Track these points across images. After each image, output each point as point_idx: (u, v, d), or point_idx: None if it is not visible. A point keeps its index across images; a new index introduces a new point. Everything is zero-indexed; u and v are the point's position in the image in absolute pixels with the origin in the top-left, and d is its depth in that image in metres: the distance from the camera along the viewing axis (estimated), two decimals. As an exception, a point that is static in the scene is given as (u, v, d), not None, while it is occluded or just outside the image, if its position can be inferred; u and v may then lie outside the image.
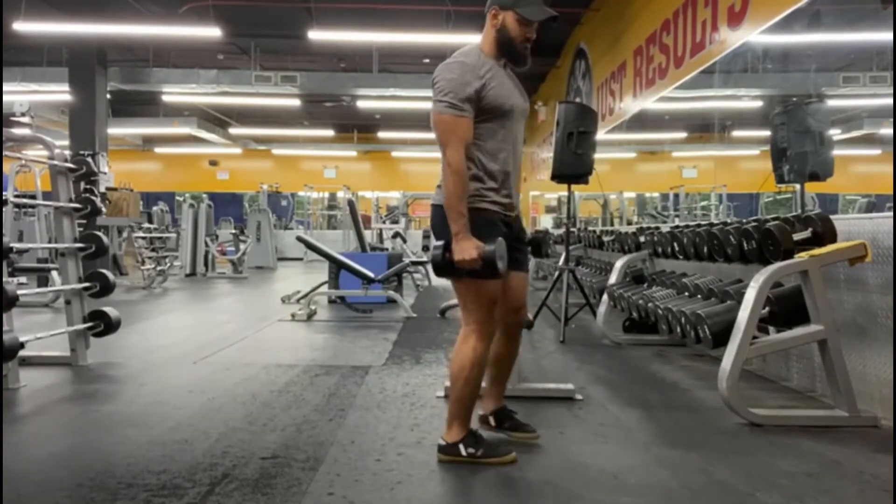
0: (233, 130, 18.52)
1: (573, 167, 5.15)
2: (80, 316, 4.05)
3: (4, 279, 3.84)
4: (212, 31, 9.66)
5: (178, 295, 9.03)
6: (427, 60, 12.88)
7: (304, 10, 10.28)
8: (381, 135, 19.11)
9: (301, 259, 17.10)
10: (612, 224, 15.31)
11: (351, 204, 10.08)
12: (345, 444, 2.58)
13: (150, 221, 11.78)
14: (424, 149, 19.64)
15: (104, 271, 4.18)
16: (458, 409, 2.41)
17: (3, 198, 3.98)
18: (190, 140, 18.88)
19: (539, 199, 17.28)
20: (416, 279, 10.06)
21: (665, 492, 2.18)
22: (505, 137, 2.37)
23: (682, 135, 18.60)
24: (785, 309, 3.02)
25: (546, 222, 16.93)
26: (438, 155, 2.32)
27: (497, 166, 2.36)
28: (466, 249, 2.21)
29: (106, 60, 11.87)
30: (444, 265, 2.27)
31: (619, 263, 5.25)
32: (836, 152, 4.90)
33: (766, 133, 7.37)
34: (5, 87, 11.66)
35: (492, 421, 2.69)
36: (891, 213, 2.94)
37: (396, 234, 14.13)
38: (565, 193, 5.65)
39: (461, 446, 2.38)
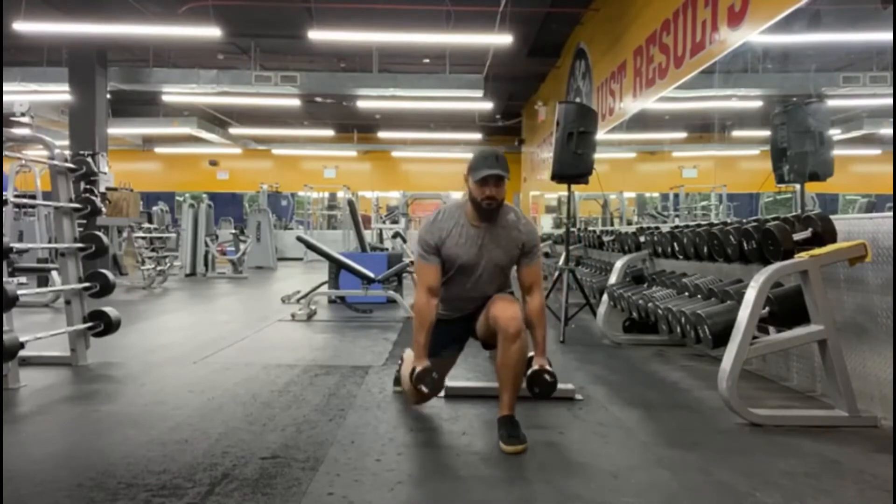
0: (233, 130, 18.52)
1: (573, 167, 5.15)
2: (80, 316, 4.05)
3: (4, 279, 3.84)
4: (212, 31, 9.66)
5: (178, 295, 9.03)
6: (427, 60, 12.88)
7: (304, 10, 10.28)
8: (381, 135, 19.11)
9: (301, 259, 17.10)
10: (612, 224, 15.30)
11: (351, 204, 10.08)
12: (345, 444, 2.58)
13: (150, 221, 11.78)
14: (424, 149, 19.65)
15: (104, 271, 4.18)
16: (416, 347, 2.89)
17: (3, 198, 3.97)
18: (190, 140, 18.87)
19: (539, 199, 17.27)
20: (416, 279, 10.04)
21: (665, 492, 2.18)
22: (459, 284, 2.89)
23: (682, 135, 18.58)
24: (785, 309, 3.02)
25: (546, 222, 16.92)
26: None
27: (448, 297, 2.93)
28: (416, 369, 2.75)
29: (106, 60, 11.86)
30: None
31: (619, 263, 5.25)
32: (836, 152, 4.88)
33: (766, 133, 7.36)
34: (5, 87, 11.66)
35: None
36: (891, 213, 2.94)
37: (396, 234, 14.14)
38: (565, 193, 5.65)
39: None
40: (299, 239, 7.76)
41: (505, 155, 2.84)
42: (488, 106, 14.08)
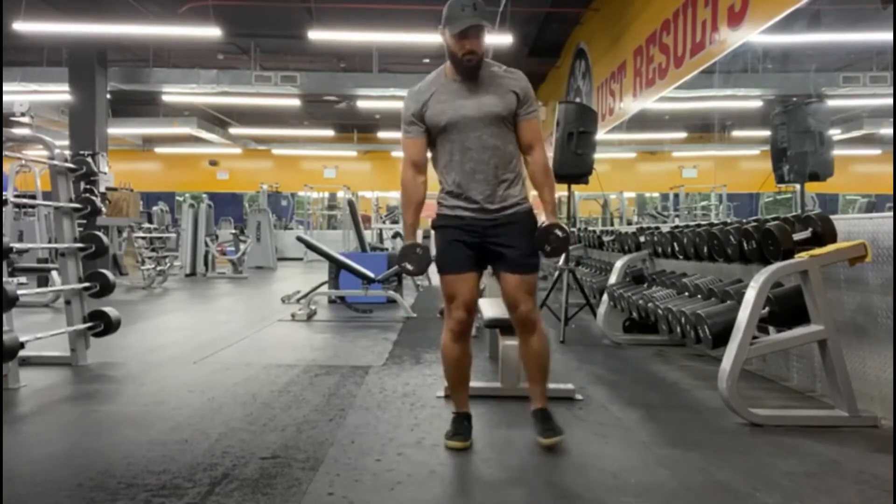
0: (233, 130, 18.52)
1: (573, 167, 5.15)
2: (80, 316, 4.05)
3: (4, 279, 3.84)
4: (212, 31, 9.66)
5: (178, 295, 9.03)
6: (427, 60, 12.87)
7: (304, 10, 10.28)
8: (381, 135, 19.11)
9: (301, 259, 17.10)
10: (612, 224, 15.30)
11: (351, 204, 10.08)
12: (345, 444, 2.58)
13: (150, 221, 11.78)
14: (424, 149, 19.63)
15: (104, 271, 4.18)
16: (448, 388, 2.82)
17: (3, 198, 3.97)
18: (190, 140, 18.87)
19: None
20: (416, 279, 10.06)
21: (665, 492, 2.18)
22: (451, 150, 2.58)
23: (682, 135, 18.58)
24: (785, 309, 3.02)
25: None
26: None
27: (450, 178, 2.60)
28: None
29: (106, 60, 11.86)
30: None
31: (619, 263, 5.25)
32: (836, 152, 4.89)
33: (766, 133, 7.36)
34: (5, 87, 11.66)
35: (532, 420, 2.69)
36: (891, 213, 2.94)
37: (396, 234, 14.13)
38: (565, 193, 5.65)
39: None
40: (299, 239, 7.76)
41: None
42: (488, 106, 14.07)
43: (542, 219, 2.65)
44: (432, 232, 2.70)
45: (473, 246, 2.58)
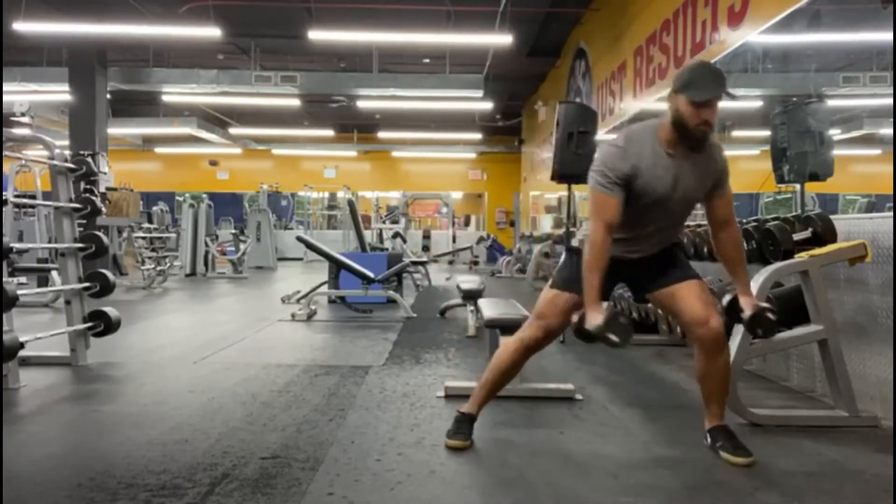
0: (233, 130, 18.50)
1: (573, 167, 5.14)
2: (80, 316, 4.05)
3: (4, 279, 3.84)
4: (212, 31, 9.65)
5: (178, 295, 9.03)
6: (427, 60, 12.87)
7: (304, 10, 10.27)
8: (381, 135, 19.09)
9: (301, 259, 17.10)
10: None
11: (351, 204, 10.08)
12: (345, 444, 2.58)
13: (150, 221, 11.75)
14: (424, 149, 19.63)
15: (104, 271, 4.17)
16: (478, 387, 2.72)
17: (3, 198, 3.97)
18: (190, 140, 18.84)
19: (539, 199, 17.27)
20: (416, 279, 10.06)
21: (665, 492, 2.18)
22: (637, 213, 2.42)
23: (682, 135, 18.55)
24: (785, 309, 3.02)
25: (546, 222, 16.91)
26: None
27: (620, 237, 2.44)
28: (592, 319, 2.33)
29: (106, 60, 11.85)
30: (578, 331, 2.42)
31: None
32: (836, 152, 4.89)
33: (767, 133, 7.36)
34: (5, 87, 11.65)
35: (707, 438, 2.58)
36: (891, 213, 2.94)
37: (396, 234, 14.14)
38: (565, 193, 5.64)
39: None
40: (299, 239, 7.76)
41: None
42: (488, 106, 14.07)
43: (742, 300, 2.50)
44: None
45: (611, 279, 2.46)
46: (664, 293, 2.49)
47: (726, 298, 2.58)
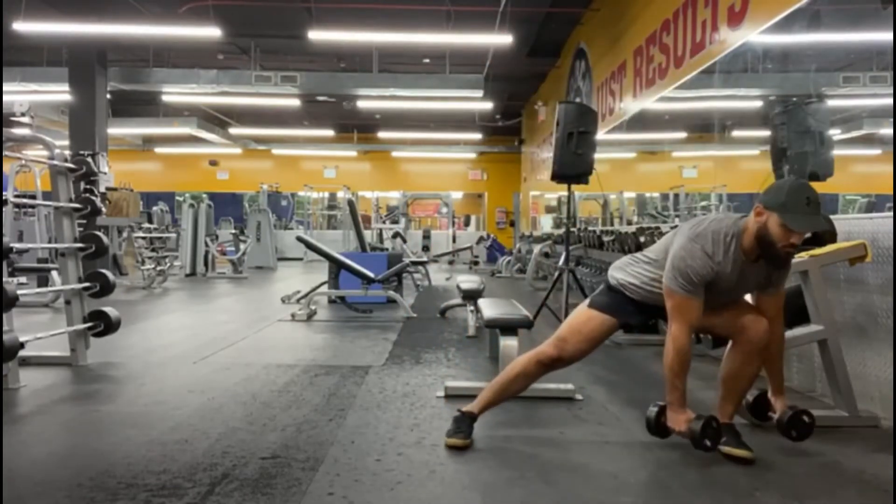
0: (233, 130, 18.50)
1: (573, 167, 5.16)
2: (80, 316, 4.05)
3: (4, 279, 3.84)
4: (212, 31, 9.65)
5: (178, 295, 9.03)
6: (427, 60, 12.87)
7: (304, 10, 10.27)
8: (381, 135, 19.10)
9: (301, 259, 17.10)
10: (612, 224, 15.30)
11: (351, 204, 10.08)
12: (345, 444, 2.58)
13: (150, 221, 11.76)
14: (424, 149, 19.64)
15: (104, 271, 4.17)
16: (486, 389, 2.72)
17: (3, 198, 3.97)
18: (190, 140, 18.84)
19: (539, 199, 17.28)
20: (416, 279, 10.06)
21: (665, 492, 2.18)
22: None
23: (682, 135, 18.56)
24: (785, 309, 3.02)
25: (546, 222, 16.92)
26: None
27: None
28: (678, 422, 2.44)
29: (106, 60, 11.85)
30: (655, 427, 2.57)
31: (619, 263, 5.24)
32: (836, 152, 4.89)
33: (767, 133, 7.35)
34: (5, 87, 11.65)
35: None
36: (891, 213, 2.94)
37: (396, 234, 14.14)
38: (565, 193, 5.65)
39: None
40: (299, 239, 7.76)
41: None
42: (488, 106, 14.08)
43: (777, 401, 2.60)
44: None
45: (649, 311, 2.58)
46: (711, 312, 2.49)
47: (753, 394, 2.66)
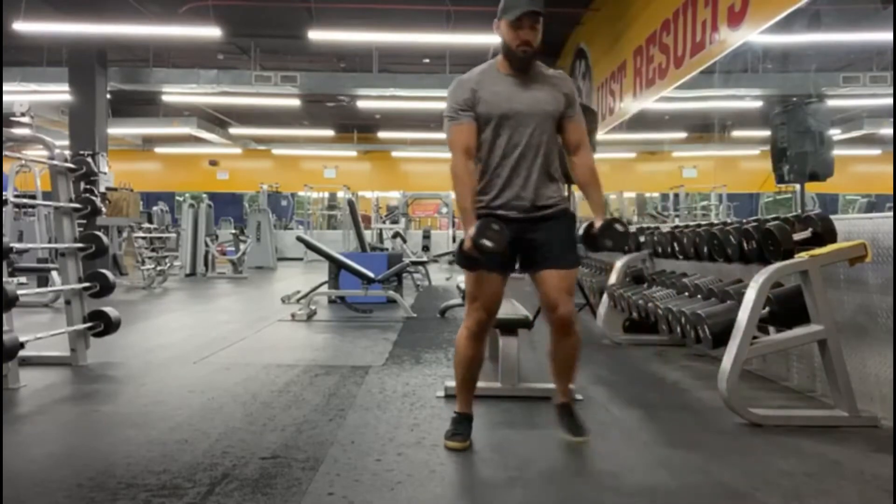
0: (233, 130, 18.52)
1: (573, 167, 5.14)
2: (80, 316, 4.05)
3: (4, 279, 3.84)
4: (212, 31, 9.66)
5: (178, 295, 9.03)
6: (427, 60, 12.88)
7: (304, 10, 10.28)
8: (381, 135, 19.11)
9: (301, 259, 17.10)
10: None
11: (351, 204, 10.09)
12: (345, 444, 2.58)
13: (150, 221, 11.77)
14: (424, 149, 19.63)
15: (104, 271, 4.17)
16: (455, 386, 2.72)
17: (3, 198, 3.97)
18: (190, 140, 18.86)
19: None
20: (416, 279, 10.06)
21: (665, 492, 2.18)
22: (498, 144, 2.53)
23: (682, 135, 18.58)
24: (785, 309, 3.02)
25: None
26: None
27: (493, 173, 2.55)
28: (466, 240, 2.44)
29: (106, 60, 11.86)
30: (457, 253, 2.54)
31: (619, 263, 5.25)
32: (836, 152, 4.90)
33: (766, 133, 7.36)
34: (5, 87, 11.66)
35: (555, 414, 2.71)
36: (891, 213, 2.94)
37: (396, 234, 14.15)
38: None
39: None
40: (299, 239, 7.77)
41: None
42: (488, 106, 14.08)
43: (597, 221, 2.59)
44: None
45: (511, 251, 2.50)
46: (538, 276, 2.58)
47: (582, 226, 2.64)
